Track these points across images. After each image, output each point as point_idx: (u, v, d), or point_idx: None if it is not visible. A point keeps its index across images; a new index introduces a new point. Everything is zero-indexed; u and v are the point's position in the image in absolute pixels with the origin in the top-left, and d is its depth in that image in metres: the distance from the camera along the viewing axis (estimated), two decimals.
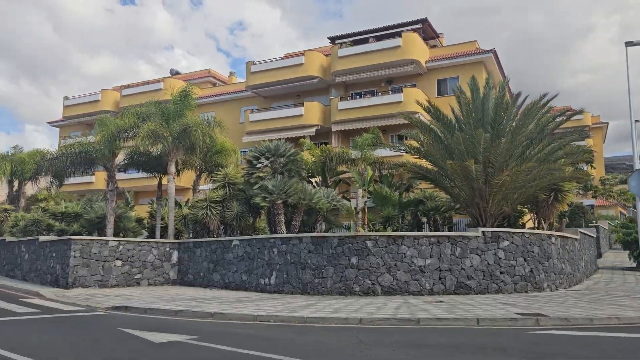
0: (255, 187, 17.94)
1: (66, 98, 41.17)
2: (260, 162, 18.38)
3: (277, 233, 17.46)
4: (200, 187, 23.22)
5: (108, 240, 17.80)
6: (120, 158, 22.84)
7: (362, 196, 23.63)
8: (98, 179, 38.08)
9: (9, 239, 22.98)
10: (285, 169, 18.49)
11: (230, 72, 44.77)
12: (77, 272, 16.77)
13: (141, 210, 29.66)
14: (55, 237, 18.59)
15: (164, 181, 22.73)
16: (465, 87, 17.96)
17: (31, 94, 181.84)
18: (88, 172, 23.11)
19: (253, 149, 19.27)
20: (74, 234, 21.77)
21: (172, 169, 20.93)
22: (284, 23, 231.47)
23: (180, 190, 33.85)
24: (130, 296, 14.68)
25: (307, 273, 15.08)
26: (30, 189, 33.46)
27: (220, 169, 21.44)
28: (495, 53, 31.25)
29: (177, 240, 19.95)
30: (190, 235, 21.96)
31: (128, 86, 40.49)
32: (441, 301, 12.20)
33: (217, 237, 19.25)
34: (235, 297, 14.24)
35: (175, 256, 19.30)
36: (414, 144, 18.70)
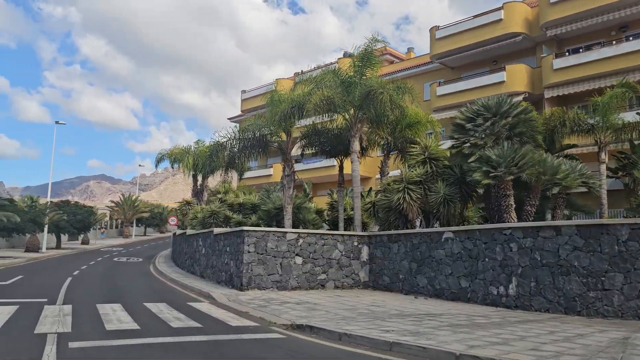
0: (470, 160, 13.03)
1: (244, 92, 41.04)
2: (477, 126, 13.38)
3: (502, 222, 12.33)
4: (390, 173, 18.96)
5: (286, 232, 14.52)
6: (294, 150, 19.81)
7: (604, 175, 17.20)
8: (276, 171, 36.69)
9: (189, 232, 21.59)
10: (513, 133, 13.21)
11: (409, 49, 40.20)
12: (252, 270, 13.73)
13: (320, 203, 26.68)
14: (228, 229, 15.98)
15: (346, 167, 19.08)
16: None
17: (220, 104, 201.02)
18: (263, 156, 20.62)
19: (463, 109, 14.32)
20: (251, 225, 19.30)
21: (356, 145, 17.02)
22: (452, 11, 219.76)
23: (361, 180, 30.39)
24: (314, 305, 10.96)
25: (572, 281, 9.69)
26: (212, 181, 33.14)
27: (413, 145, 16.91)
28: None
29: (366, 233, 15.95)
30: (379, 228, 17.87)
31: (302, 72, 38.54)
32: None
33: (414, 229, 14.75)
34: (466, 316, 9.51)
35: (365, 252, 15.32)
36: None
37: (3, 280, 15.90)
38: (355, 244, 15.26)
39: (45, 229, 32.90)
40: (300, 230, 14.93)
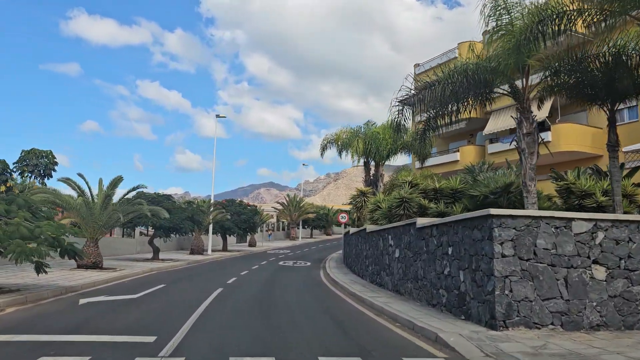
0: None
1: (417, 65, 34.65)
2: None
3: None
4: None
5: (571, 220, 7.68)
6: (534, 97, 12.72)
7: None
8: (464, 155, 29.58)
9: (370, 228, 15.86)
10: None
11: None
12: (511, 290, 7.22)
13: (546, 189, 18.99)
14: (453, 218, 9.54)
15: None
16: None
17: (378, 108, 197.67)
18: (480, 106, 13.89)
19: None
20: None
21: None
22: None
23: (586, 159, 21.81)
24: None
25: None
26: (387, 171, 27.33)
27: None
28: None
29: None
30: None
31: (488, 32, 30.84)
32: None
33: None
34: None
35: None
36: None
37: (134, 292, 11.74)
38: None
39: (210, 230, 30.34)
40: (598, 215, 7.90)
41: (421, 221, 10.80)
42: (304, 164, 59.71)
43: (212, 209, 30.02)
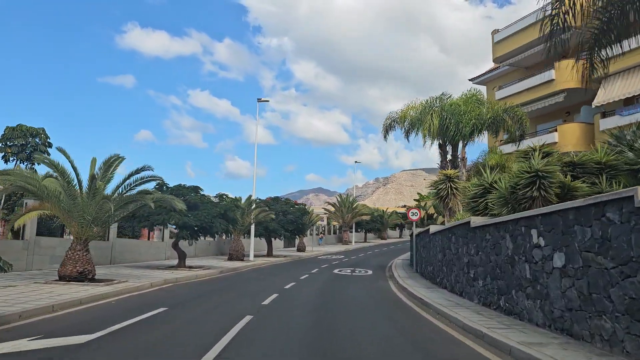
0: None
1: (496, 31, 28.68)
2: None
3: None
4: None
5: None
6: None
7: None
8: (564, 135, 23.54)
9: (477, 221, 10.43)
10: None
11: None
12: None
13: None
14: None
15: None
16: None
17: None
18: None
19: None
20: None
21: None
22: None
23: None
24: None
25: None
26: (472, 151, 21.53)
27: None
28: None
29: None
30: None
31: None
32: None
33: None
34: None
35: None
36: None
37: (96, 329, 6.86)
38: None
39: (252, 231, 25.62)
40: None
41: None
42: (355, 162, 54.35)
43: (253, 207, 25.25)
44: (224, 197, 19.76)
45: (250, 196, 25.30)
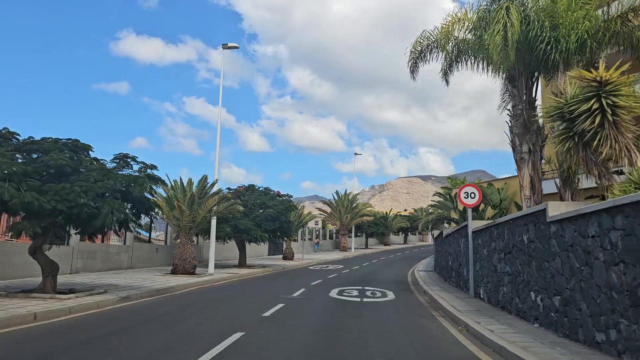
0: None
1: None
2: None
3: None
4: None
5: None
6: None
7: None
8: None
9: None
10: None
11: None
12: None
13: None
14: None
15: None
16: None
17: (421, 119, 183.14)
18: None
19: None
20: None
21: None
22: None
23: None
24: None
25: None
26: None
27: None
28: None
29: None
30: None
31: None
32: None
33: None
34: None
35: None
36: None
37: None
38: None
39: (212, 232, 17.24)
40: None
41: None
42: (356, 153, 46.07)
43: (211, 192, 16.88)
44: (130, 161, 10.48)
45: (205, 177, 16.84)
